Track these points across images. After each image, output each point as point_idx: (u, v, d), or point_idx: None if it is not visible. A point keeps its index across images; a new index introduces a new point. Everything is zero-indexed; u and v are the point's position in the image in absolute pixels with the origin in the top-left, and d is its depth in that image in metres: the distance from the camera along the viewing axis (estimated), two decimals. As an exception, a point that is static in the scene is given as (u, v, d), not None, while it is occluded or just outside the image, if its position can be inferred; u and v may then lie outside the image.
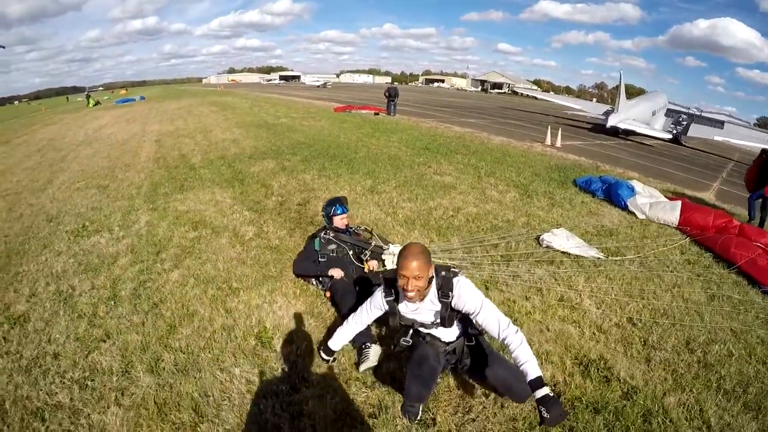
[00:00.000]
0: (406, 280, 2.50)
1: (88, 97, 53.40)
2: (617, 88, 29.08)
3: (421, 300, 2.65)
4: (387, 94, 22.86)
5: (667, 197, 8.34)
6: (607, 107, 28.67)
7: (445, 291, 2.61)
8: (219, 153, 11.25)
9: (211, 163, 9.97)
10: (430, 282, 2.60)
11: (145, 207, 7.10)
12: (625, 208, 7.81)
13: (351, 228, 4.57)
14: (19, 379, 3.13)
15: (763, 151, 8.99)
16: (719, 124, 29.67)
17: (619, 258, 5.46)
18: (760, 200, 8.70)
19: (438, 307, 2.66)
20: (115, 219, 6.62)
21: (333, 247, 4.26)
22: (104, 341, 3.53)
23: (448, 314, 2.65)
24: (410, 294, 2.53)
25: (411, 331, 2.85)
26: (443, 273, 2.66)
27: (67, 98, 57.33)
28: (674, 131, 28.24)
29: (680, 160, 17.92)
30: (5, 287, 4.69)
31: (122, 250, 5.41)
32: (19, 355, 3.42)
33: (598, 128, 26.68)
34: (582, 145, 18.07)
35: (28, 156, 14.67)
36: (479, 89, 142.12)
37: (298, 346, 3.38)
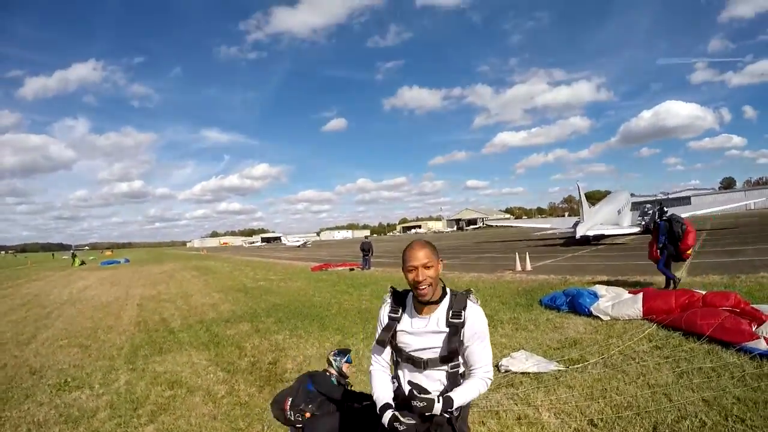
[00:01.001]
0: (416, 272, 2.20)
1: (73, 256, 54.50)
2: (579, 200, 30.19)
3: (432, 307, 2.31)
4: (361, 248, 23.23)
5: (631, 292, 8.55)
6: (576, 219, 29.78)
7: (457, 310, 2.24)
8: (198, 317, 11.75)
9: (189, 327, 10.42)
10: (443, 294, 2.33)
11: (125, 367, 7.44)
12: (589, 314, 8.03)
13: None
14: None
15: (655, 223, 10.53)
16: (686, 200, 31.02)
17: (580, 365, 5.60)
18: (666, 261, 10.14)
19: (445, 330, 2.23)
20: (96, 377, 6.96)
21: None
22: (81, 484, 3.82)
23: (457, 344, 2.24)
24: (423, 288, 2.19)
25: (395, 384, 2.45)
26: (456, 292, 2.36)
27: (53, 255, 58.19)
28: (643, 222, 29.19)
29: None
30: None
31: (102, 405, 5.74)
32: None
33: (571, 241, 27.68)
34: (553, 263, 18.80)
35: (13, 309, 15.12)
36: (455, 228, 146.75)
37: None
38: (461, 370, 2.33)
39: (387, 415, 2.21)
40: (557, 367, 5.60)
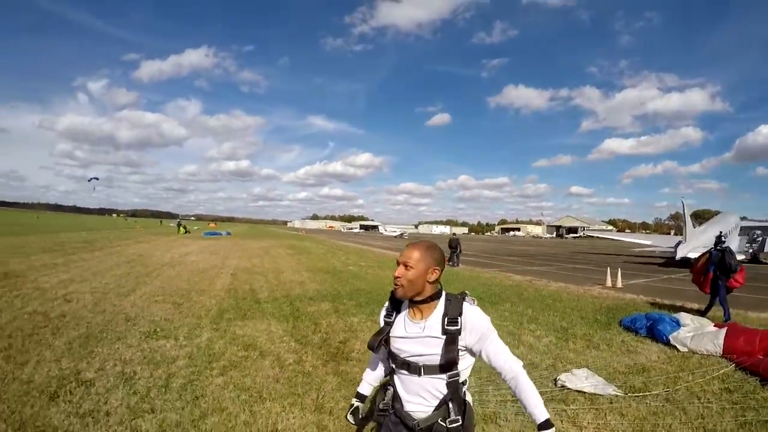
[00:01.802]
0: (397, 268, 2.23)
1: (179, 225, 59.78)
2: (681, 217, 28.83)
3: (427, 311, 2.24)
4: (449, 245, 23.60)
5: (716, 325, 8.26)
6: (680, 239, 28.41)
7: (453, 316, 2.16)
8: (284, 292, 12.60)
9: (275, 300, 11.23)
10: (432, 298, 2.24)
11: (209, 326, 8.30)
12: (667, 343, 7.81)
13: None
14: (74, 421, 4.25)
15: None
16: None
17: (640, 394, 5.50)
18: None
19: (441, 338, 2.16)
20: (182, 331, 7.86)
21: None
22: (149, 413, 4.51)
23: (454, 351, 2.15)
24: (396, 285, 2.21)
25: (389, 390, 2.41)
26: (452, 296, 2.28)
27: (161, 222, 64.37)
28: (750, 249, 26.82)
29: (753, 280, 17.56)
30: (80, 359, 6.08)
31: (182, 355, 6.52)
32: (79, 405, 4.60)
33: (670, 262, 26.28)
34: (645, 282, 18.28)
35: (118, 265, 17.23)
36: (554, 235, 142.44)
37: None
38: (462, 378, 2.23)
39: (353, 405, 2.59)
40: (615, 392, 5.54)
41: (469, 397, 2.30)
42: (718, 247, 10.48)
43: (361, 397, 2.63)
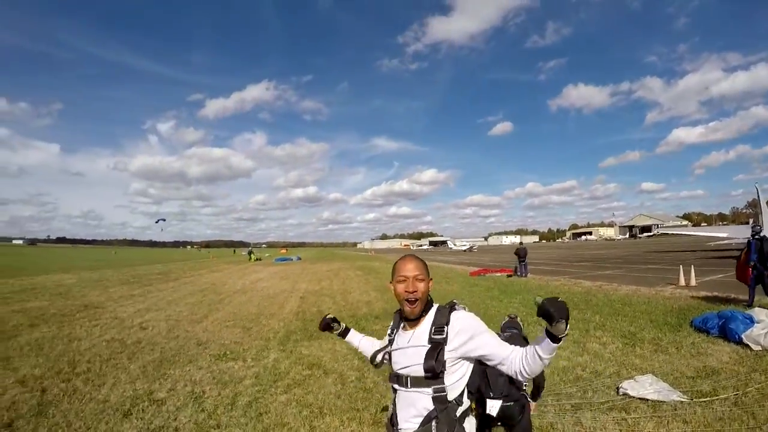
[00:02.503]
0: (407, 282, 2.15)
1: (250, 253, 62.14)
2: (757, 204, 26.80)
3: (417, 322, 2.21)
4: (516, 254, 23.29)
5: None
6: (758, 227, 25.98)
7: (439, 325, 2.12)
8: (351, 312, 12.85)
9: (341, 320, 11.40)
10: (426, 309, 2.21)
11: (276, 348, 8.64)
12: (740, 342, 7.46)
13: None
14: None
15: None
16: None
17: (707, 399, 5.30)
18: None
19: (427, 346, 2.09)
20: (250, 353, 8.24)
21: None
22: (214, 429, 4.82)
23: (437, 360, 2.04)
24: (413, 303, 2.14)
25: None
26: (442, 306, 2.24)
27: (234, 251, 66.97)
28: None
29: None
30: (153, 380, 6.56)
31: (249, 375, 6.87)
32: (150, 422, 4.98)
33: None
34: (721, 278, 17.36)
35: (192, 294, 18.18)
36: (627, 236, 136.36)
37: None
38: (451, 395, 2.08)
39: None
40: (680, 398, 5.33)
41: (468, 423, 2.14)
42: (756, 237, 10.73)
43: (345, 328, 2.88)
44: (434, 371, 2.03)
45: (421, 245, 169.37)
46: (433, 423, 2.03)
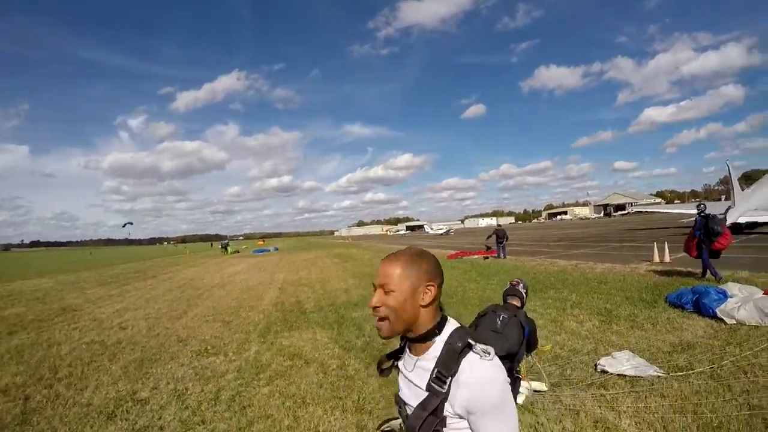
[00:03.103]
0: (373, 294, 1.55)
1: (225, 246, 61.89)
2: (728, 181, 27.74)
3: (422, 346, 1.55)
4: (495, 235, 23.39)
5: (766, 292, 8.09)
6: (729, 204, 27.10)
7: (442, 373, 1.44)
8: (329, 300, 12.98)
9: (320, 309, 11.62)
10: (431, 333, 1.54)
11: (257, 340, 8.74)
12: (714, 316, 7.70)
13: None
14: None
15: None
16: None
17: (683, 373, 5.44)
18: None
19: (424, 393, 1.49)
20: (231, 347, 8.33)
21: None
22: (200, 425, 4.93)
23: (428, 417, 1.44)
24: (377, 321, 1.53)
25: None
26: (454, 340, 1.49)
27: (211, 244, 66.58)
28: None
29: None
30: (136, 380, 6.65)
31: (231, 369, 6.95)
32: (135, 423, 5.09)
33: None
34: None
35: (171, 290, 18.21)
36: (602, 215, 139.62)
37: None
38: None
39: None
40: (657, 373, 5.50)
41: None
42: (701, 214, 11.81)
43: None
44: (425, 430, 1.45)
45: (398, 230, 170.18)
46: None
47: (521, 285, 4.81)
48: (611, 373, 5.58)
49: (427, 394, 1.47)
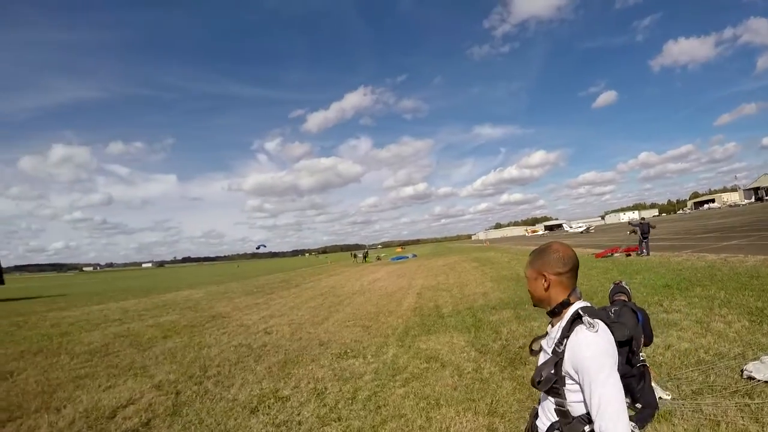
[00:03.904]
0: None
1: (365, 255, 63.79)
2: None
3: (556, 320, 2.03)
4: (634, 231, 21.93)
5: None
6: None
7: (561, 337, 1.89)
8: (467, 304, 12.83)
9: (458, 313, 11.52)
10: (563, 306, 1.98)
11: (395, 344, 8.88)
12: None
13: None
14: (270, 429, 5.10)
15: None
16: None
17: None
18: None
19: (550, 356, 1.95)
20: (370, 350, 8.56)
21: None
22: (335, 422, 5.11)
23: (551, 373, 1.87)
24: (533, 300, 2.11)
25: None
26: (576, 313, 1.91)
27: (354, 255, 69.08)
28: None
29: None
30: (278, 379, 7.09)
31: (369, 371, 7.15)
32: (275, 417, 5.43)
33: None
34: None
35: (313, 298, 19.20)
36: (753, 200, 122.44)
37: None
38: (573, 413, 1.86)
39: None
40: None
41: None
42: None
43: None
44: (549, 384, 1.87)
45: (536, 231, 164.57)
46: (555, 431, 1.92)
47: (623, 282, 4.53)
48: (759, 380, 5.02)
49: (551, 355, 1.92)
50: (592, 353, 1.74)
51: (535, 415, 2.12)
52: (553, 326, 2.04)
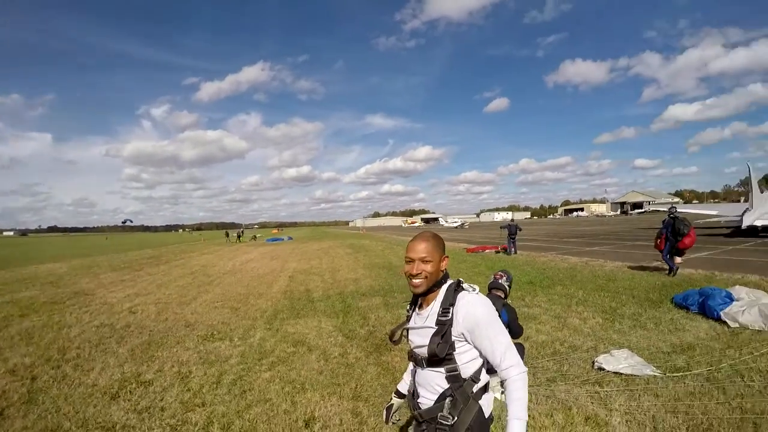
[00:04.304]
0: (412, 265, 2.18)
1: (236, 235, 62.20)
2: (748, 183, 27.57)
3: (429, 301, 2.23)
4: (506, 229, 23.16)
5: None
6: (747, 206, 26.96)
7: (445, 306, 2.11)
8: (338, 290, 13.09)
9: (328, 298, 11.73)
10: (438, 285, 2.21)
11: (263, 327, 8.84)
12: (718, 319, 7.63)
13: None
14: (131, 416, 4.85)
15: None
16: None
17: (680, 374, 5.41)
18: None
19: (434, 328, 2.11)
20: (237, 333, 8.45)
21: None
22: (199, 407, 5.02)
23: (440, 343, 2.06)
24: (416, 281, 2.16)
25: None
26: (451, 285, 2.21)
27: (227, 233, 66.98)
28: None
29: None
30: (141, 362, 6.79)
31: (235, 354, 7.07)
32: (137, 403, 5.21)
33: (737, 231, 25.42)
34: (708, 255, 17.80)
35: (183, 276, 18.48)
36: (619, 212, 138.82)
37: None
38: (464, 374, 2.12)
39: (390, 400, 2.66)
40: (653, 373, 5.47)
41: (485, 399, 2.18)
42: (671, 215, 13.27)
43: (399, 394, 2.64)
44: (437, 355, 2.07)
45: (413, 222, 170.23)
46: (447, 400, 2.10)
47: (504, 278, 5.18)
48: (608, 371, 5.57)
49: (436, 327, 2.10)
50: (483, 310, 2.07)
51: (414, 397, 2.29)
52: (423, 307, 2.25)
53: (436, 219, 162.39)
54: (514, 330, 5.04)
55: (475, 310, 2.06)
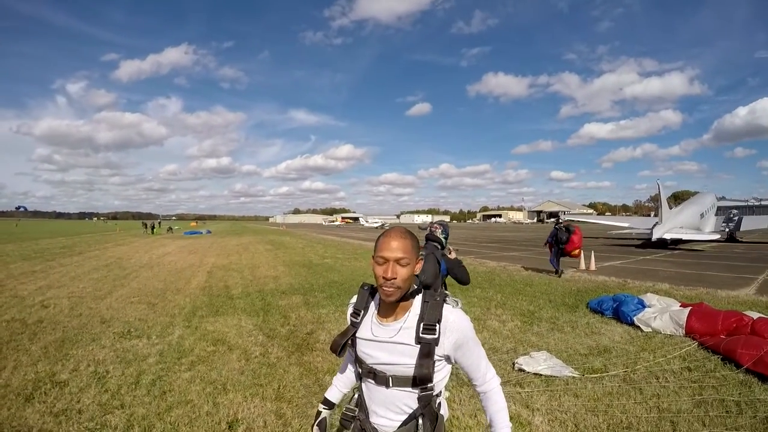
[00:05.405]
0: (386, 266, 1.73)
1: (152, 226, 59.38)
2: (658, 199, 29.83)
3: (399, 312, 1.85)
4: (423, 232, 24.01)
5: (683, 305, 8.39)
6: (657, 220, 29.28)
7: (430, 322, 1.76)
8: (258, 287, 12.89)
9: (247, 295, 11.53)
10: (412, 295, 1.85)
11: (181, 324, 8.56)
12: (631, 324, 8.00)
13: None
14: (47, 420, 4.56)
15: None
16: None
17: (597, 375, 5.61)
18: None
19: (415, 347, 1.76)
20: (155, 330, 8.12)
21: None
22: (118, 409, 4.81)
23: (428, 366, 1.75)
24: (389, 289, 1.72)
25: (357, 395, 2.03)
26: (431, 297, 1.85)
27: (144, 224, 63.70)
28: (727, 229, 28.39)
29: (728, 259, 19.42)
30: (55, 361, 6.37)
31: (153, 353, 6.80)
32: (53, 405, 4.90)
33: (648, 243, 27.51)
34: (620, 264, 18.81)
35: (97, 269, 17.40)
36: (535, 220, 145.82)
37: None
38: (436, 391, 1.85)
39: (320, 413, 2.18)
40: (572, 374, 5.67)
41: (444, 409, 1.96)
42: (556, 226, 15.09)
43: (328, 404, 2.20)
44: (429, 378, 1.77)
45: (333, 221, 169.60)
46: (419, 420, 1.81)
47: (440, 230, 5.33)
48: (528, 372, 5.74)
49: (419, 346, 1.76)
50: (468, 325, 1.84)
51: (361, 418, 1.95)
52: (387, 317, 1.86)
53: (356, 219, 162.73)
54: (461, 277, 5.26)
55: (463, 327, 1.81)
